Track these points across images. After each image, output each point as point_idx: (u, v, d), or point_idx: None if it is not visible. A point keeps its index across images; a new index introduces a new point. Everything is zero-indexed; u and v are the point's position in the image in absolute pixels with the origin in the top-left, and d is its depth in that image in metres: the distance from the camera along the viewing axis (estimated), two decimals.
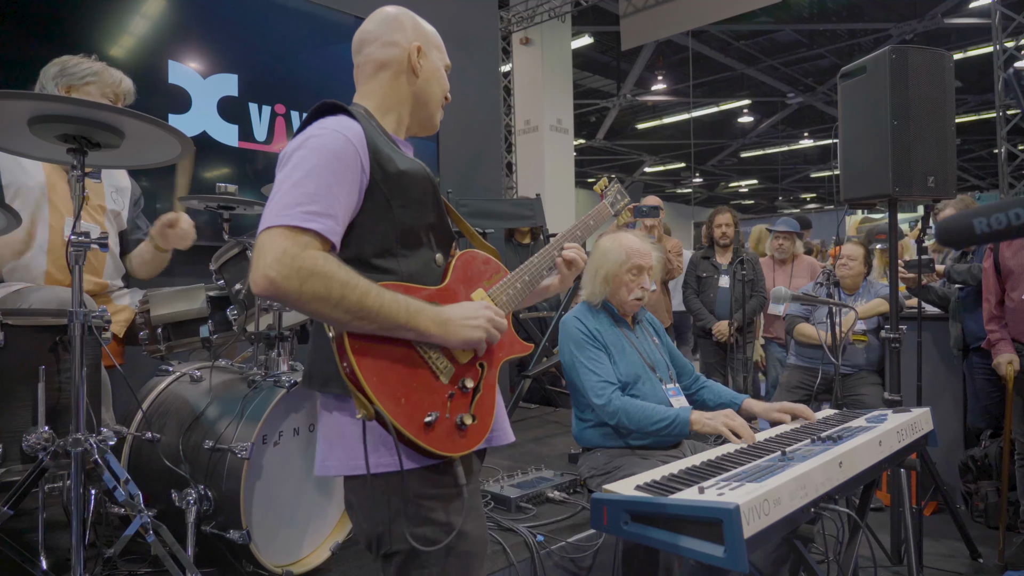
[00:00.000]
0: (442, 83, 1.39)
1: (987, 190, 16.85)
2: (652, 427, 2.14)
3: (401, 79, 1.33)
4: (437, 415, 1.14)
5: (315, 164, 1.11)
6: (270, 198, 1.10)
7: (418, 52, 1.33)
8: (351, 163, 1.14)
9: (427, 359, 1.16)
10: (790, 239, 4.82)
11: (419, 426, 1.12)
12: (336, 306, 1.05)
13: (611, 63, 12.89)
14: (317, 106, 1.23)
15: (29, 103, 1.53)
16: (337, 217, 1.10)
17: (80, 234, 1.58)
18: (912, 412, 2.12)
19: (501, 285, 1.36)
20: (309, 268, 1.03)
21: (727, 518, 1.20)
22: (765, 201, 25.98)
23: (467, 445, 1.19)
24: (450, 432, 1.17)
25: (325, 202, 1.09)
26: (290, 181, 1.10)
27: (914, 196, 2.66)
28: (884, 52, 2.60)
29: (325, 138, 1.14)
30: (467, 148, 5.03)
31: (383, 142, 1.22)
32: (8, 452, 1.70)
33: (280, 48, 3.94)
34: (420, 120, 1.38)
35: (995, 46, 6.85)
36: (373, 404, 1.07)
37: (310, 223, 1.06)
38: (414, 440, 1.10)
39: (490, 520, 2.22)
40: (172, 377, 2.19)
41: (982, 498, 3.34)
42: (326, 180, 1.10)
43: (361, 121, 1.19)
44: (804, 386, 3.81)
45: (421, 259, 1.24)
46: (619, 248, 2.35)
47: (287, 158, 1.14)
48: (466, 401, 1.21)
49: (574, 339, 2.31)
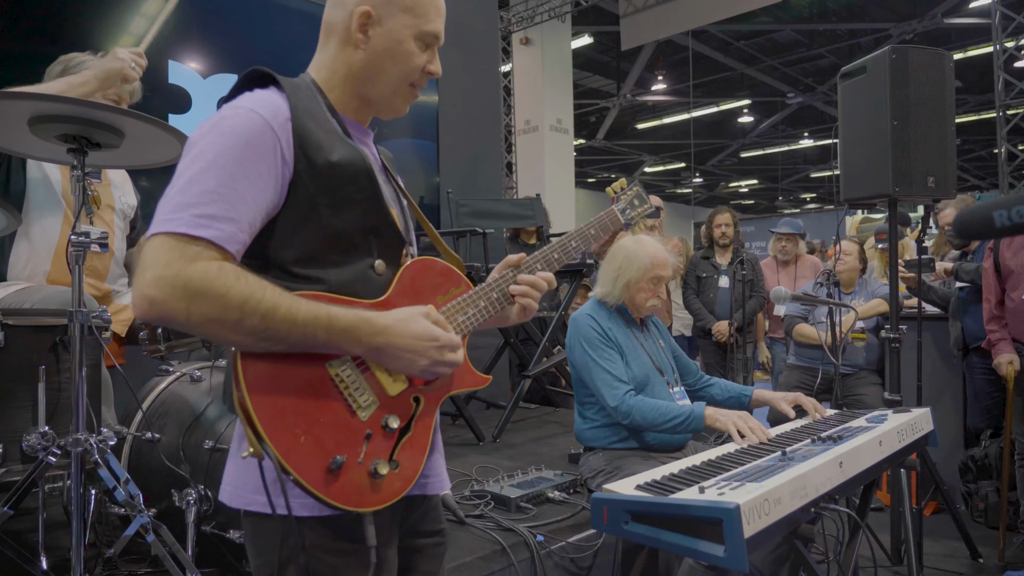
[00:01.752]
0: (403, 59, 1.08)
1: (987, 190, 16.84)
2: (667, 424, 2.13)
3: (346, 51, 1.08)
4: (344, 459, 0.93)
5: (219, 153, 0.92)
6: (164, 193, 0.92)
7: (365, 17, 1.05)
8: (266, 151, 0.94)
9: (342, 390, 0.96)
10: (793, 240, 4.82)
11: (319, 473, 0.91)
12: (234, 328, 0.87)
13: (611, 63, 12.90)
14: (244, 74, 1.04)
15: (29, 103, 1.53)
16: (239, 221, 0.91)
17: (80, 234, 1.58)
18: (912, 412, 2.12)
19: (459, 303, 1.12)
20: (197, 286, 0.85)
21: (727, 518, 1.20)
22: (765, 201, 25.98)
23: (381, 499, 0.97)
24: (360, 481, 0.95)
25: (226, 202, 0.90)
26: (186, 176, 0.91)
27: (914, 196, 2.66)
28: (884, 52, 2.60)
29: (237, 119, 0.95)
30: (467, 148, 5.03)
31: (318, 124, 1.01)
32: (8, 452, 1.70)
33: (280, 48, 3.94)
34: (371, 101, 1.12)
35: (995, 46, 6.85)
36: (262, 442, 0.88)
37: (202, 229, 0.88)
38: (310, 489, 0.90)
39: (490, 520, 2.22)
40: (172, 377, 2.19)
41: (982, 498, 3.34)
42: (230, 173, 0.91)
43: (291, 96, 1.00)
44: (804, 386, 3.81)
45: (355, 268, 1.03)
46: (644, 255, 2.33)
47: (192, 145, 0.95)
48: (388, 445, 0.99)
49: (587, 337, 2.31)
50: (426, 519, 1.18)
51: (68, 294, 1.69)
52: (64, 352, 1.78)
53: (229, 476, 1.05)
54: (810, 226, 5.33)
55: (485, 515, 2.25)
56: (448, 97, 4.81)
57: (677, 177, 22.16)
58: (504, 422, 3.48)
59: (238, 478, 1.02)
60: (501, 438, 3.42)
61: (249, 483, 0.99)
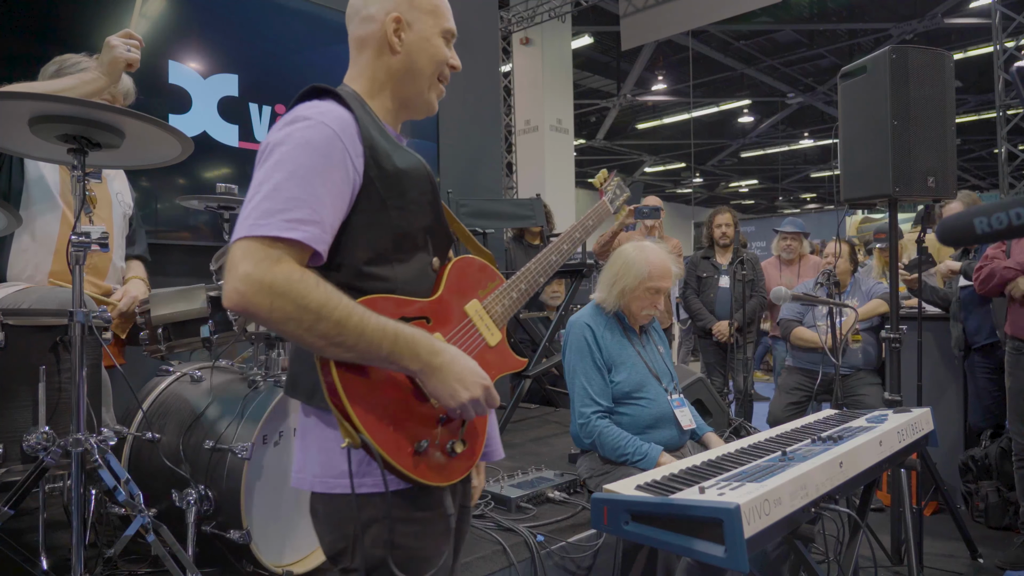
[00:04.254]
0: (435, 54, 1.21)
1: (987, 190, 16.84)
2: (620, 458, 2.21)
3: (384, 57, 1.17)
4: (427, 443, 1.05)
5: (299, 163, 0.99)
6: (247, 200, 0.99)
7: (396, 23, 1.16)
8: (339, 161, 1.02)
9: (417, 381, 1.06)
10: (797, 239, 4.83)
11: (408, 456, 1.03)
12: (309, 330, 0.94)
13: (611, 63, 12.90)
14: (305, 90, 1.11)
15: (30, 103, 1.53)
16: (324, 223, 0.99)
17: (80, 234, 1.58)
18: (912, 412, 2.12)
19: (496, 295, 1.26)
20: (281, 286, 0.93)
21: (728, 518, 1.20)
22: (765, 201, 25.98)
23: (457, 473, 1.11)
24: (440, 460, 1.08)
25: (310, 207, 0.98)
26: (270, 183, 0.98)
27: (914, 196, 2.66)
28: (884, 52, 2.60)
29: (311, 131, 1.02)
30: (467, 148, 5.03)
31: (379, 134, 1.10)
32: (8, 452, 1.70)
33: (280, 48, 3.94)
34: (409, 100, 1.22)
35: (995, 46, 6.85)
36: (360, 433, 0.98)
37: (291, 232, 0.95)
38: (403, 471, 1.02)
39: (490, 520, 2.22)
40: (172, 377, 2.19)
41: (982, 498, 3.34)
42: (311, 182, 0.99)
43: (354, 109, 1.08)
44: (802, 387, 3.81)
45: (417, 265, 1.13)
46: (643, 263, 2.30)
47: (267, 153, 1.02)
48: (457, 426, 1.12)
49: (577, 346, 2.32)
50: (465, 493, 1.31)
51: (67, 294, 1.69)
52: (64, 352, 1.78)
53: (301, 463, 1.11)
54: (810, 226, 5.32)
55: (485, 515, 2.25)
56: (448, 97, 4.75)
57: (677, 177, 22.16)
58: (504, 422, 3.48)
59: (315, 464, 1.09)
60: (501, 438, 3.42)
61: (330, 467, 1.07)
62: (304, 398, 1.10)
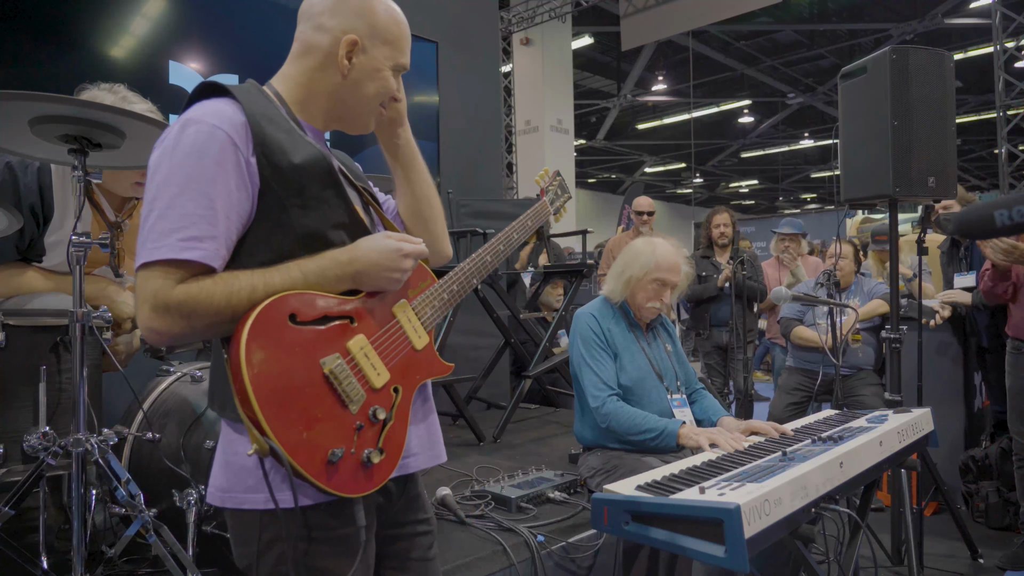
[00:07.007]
0: (381, 86, 1.15)
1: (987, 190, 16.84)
2: (638, 436, 2.14)
3: (328, 72, 1.12)
4: (343, 451, 0.99)
5: (190, 175, 0.95)
6: (144, 218, 0.96)
7: (351, 46, 1.11)
8: (233, 165, 0.98)
9: (335, 385, 1.00)
10: (796, 240, 4.83)
11: (321, 465, 0.97)
12: (233, 319, 0.94)
13: (611, 63, 12.91)
14: (196, 88, 1.06)
15: (30, 103, 1.53)
16: (220, 237, 0.97)
17: (80, 234, 1.58)
18: (912, 412, 2.12)
19: (427, 296, 1.20)
20: (186, 306, 0.93)
21: (728, 518, 1.20)
22: (765, 201, 26.00)
23: (371, 484, 1.04)
24: (355, 470, 1.02)
25: (206, 222, 0.95)
26: (163, 201, 0.95)
27: (914, 196, 2.66)
28: (884, 52, 2.59)
29: (200, 137, 0.97)
30: (467, 148, 5.02)
31: (277, 126, 1.04)
32: (9, 452, 1.71)
33: (280, 48, 3.91)
34: (343, 119, 1.19)
35: (995, 46, 6.85)
36: (268, 438, 0.92)
37: (188, 252, 0.94)
38: (314, 482, 0.96)
39: (490, 520, 2.22)
40: (173, 377, 2.19)
41: (982, 498, 3.34)
42: (205, 193, 0.95)
43: (245, 103, 1.02)
44: (802, 388, 3.81)
45: None
46: (650, 255, 2.31)
47: (157, 167, 0.98)
48: (375, 434, 1.05)
49: (583, 336, 2.32)
50: (409, 509, 1.24)
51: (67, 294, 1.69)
52: (65, 352, 1.79)
53: (217, 478, 1.09)
54: (810, 226, 5.33)
55: (485, 515, 2.25)
56: (448, 97, 4.81)
57: (677, 177, 22.18)
58: (504, 422, 3.47)
59: (227, 480, 1.07)
60: (501, 438, 3.42)
61: (239, 484, 1.04)
62: (219, 409, 1.10)
